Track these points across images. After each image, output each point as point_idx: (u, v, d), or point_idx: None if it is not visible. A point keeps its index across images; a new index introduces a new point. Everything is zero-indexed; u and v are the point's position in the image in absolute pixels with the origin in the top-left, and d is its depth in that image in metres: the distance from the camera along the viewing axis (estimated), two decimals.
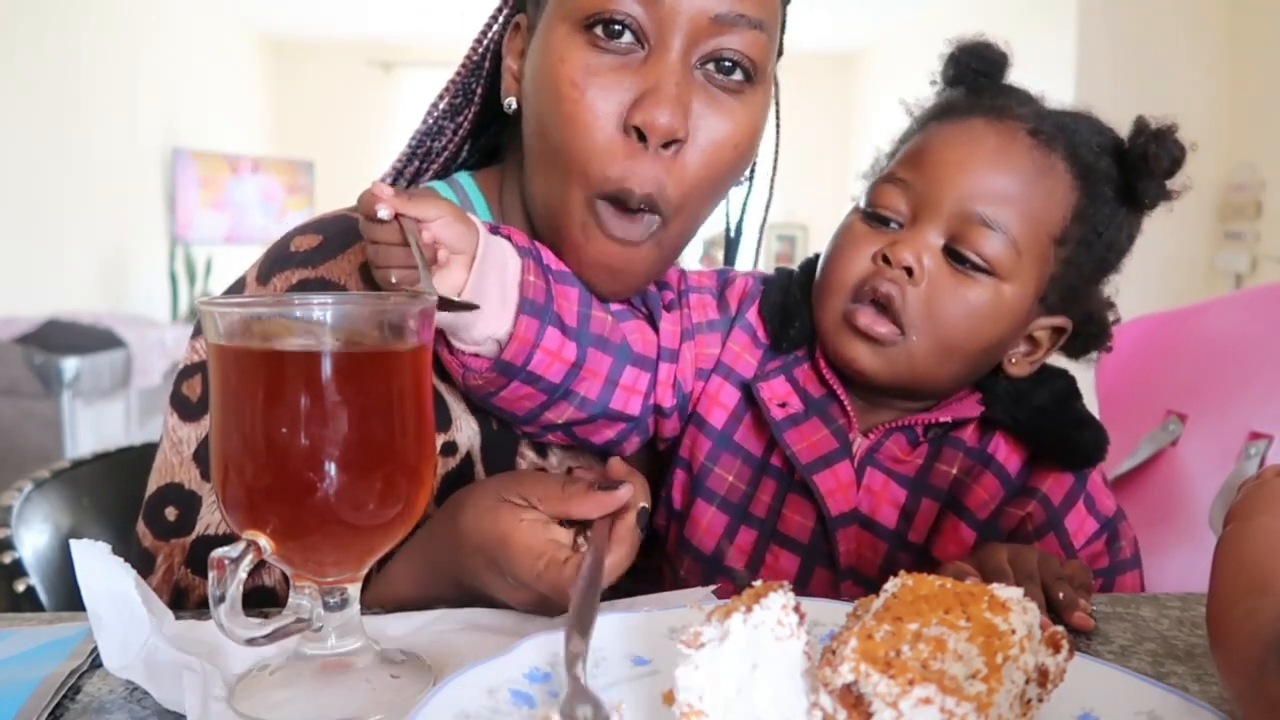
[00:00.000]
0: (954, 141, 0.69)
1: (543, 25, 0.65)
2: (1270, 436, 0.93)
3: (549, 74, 0.63)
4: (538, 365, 0.64)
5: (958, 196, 0.67)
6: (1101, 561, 0.74)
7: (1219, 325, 1.09)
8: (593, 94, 0.62)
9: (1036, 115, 0.71)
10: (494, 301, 0.62)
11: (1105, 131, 0.72)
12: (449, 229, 0.59)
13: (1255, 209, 3.87)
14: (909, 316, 0.68)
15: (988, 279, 0.68)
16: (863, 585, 0.69)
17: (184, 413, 0.66)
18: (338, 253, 0.67)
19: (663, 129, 0.61)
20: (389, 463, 0.47)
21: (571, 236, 0.66)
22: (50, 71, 4.01)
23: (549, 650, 0.46)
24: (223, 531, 0.64)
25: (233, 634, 0.43)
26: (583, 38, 0.62)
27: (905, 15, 5.83)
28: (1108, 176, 0.70)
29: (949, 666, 0.34)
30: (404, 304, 0.49)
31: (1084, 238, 0.71)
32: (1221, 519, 0.46)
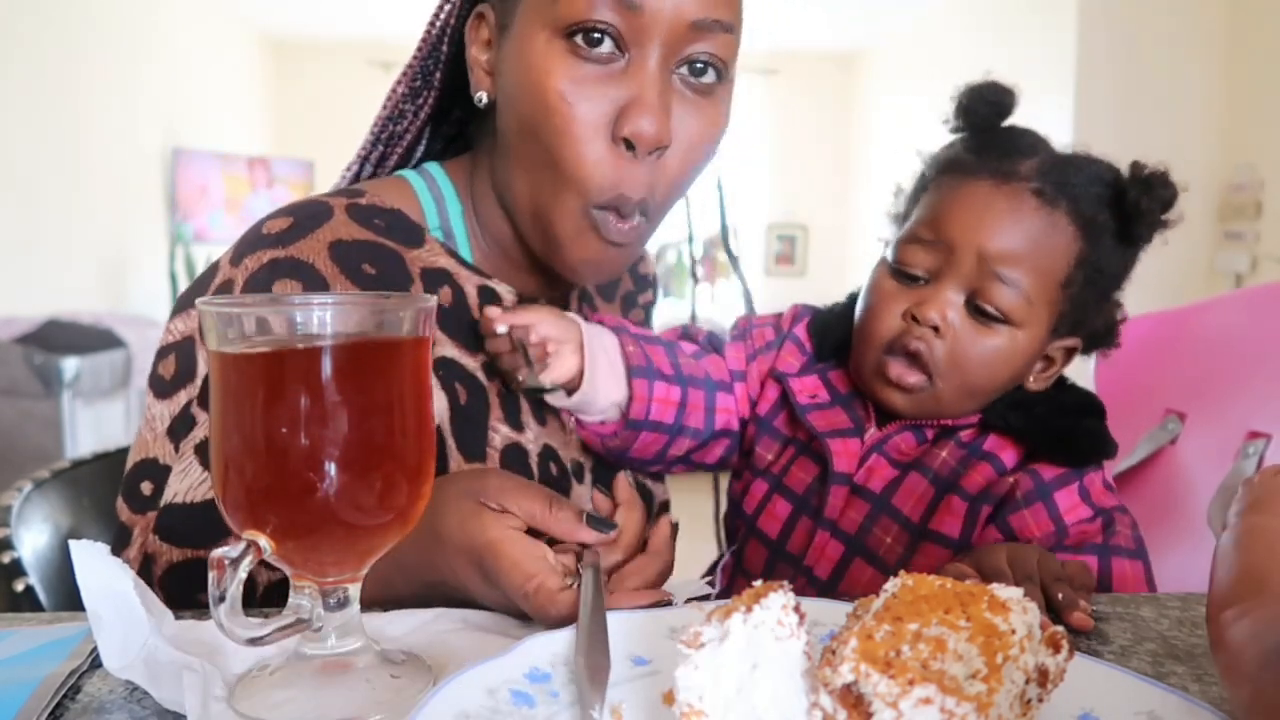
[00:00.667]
0: (968, 204, 0.76)
1: (519, 27, 0.67)
2: (1269, 435, 0.93)
3: (535, 84, 0.65)
4: (656, 414, 0.77)
5: (975, 257, 0.74)
6: (1095, 539, 0.74)
7: (1218, 324, 1.09)
8: (583, 108, 0.64)
9: (1040, 172, 0.76)
10: (606, 374, 0.75)
11: (1103, 178, 0.78)
12: (553, 326, 0.72)
13: (1255, 209, 3.87)
14: (936, 366, 0.75)
15: (1005, 327, 0.75)
16: (840, 538, 0.78)
17: (158, 391, 0.68)
18: (307, 233, 0.69)
19: (651, 139, 0.64)
20: (389, 463, 0.47)
21: (565, 239, 0.70)
22: (50, 71, 4.01)
23: (549, 650, 0.46)
24: (190, 499, 0.64)
25: (233, 634, 0.43)
26: (563, 45, 0.64)
27: (905, 15, 5.83)
28: (1106, 226, 0.77)
29: (949, 666, 0.34)
30: (404, 304, 0.49)
31: (1088, 278, 0.77)
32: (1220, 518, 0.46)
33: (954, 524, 0.76)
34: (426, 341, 0.50)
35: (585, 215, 0.68)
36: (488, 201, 0.77)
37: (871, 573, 0.77)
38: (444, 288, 0.73)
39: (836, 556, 0.78)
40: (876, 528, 0.77)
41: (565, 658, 0.46)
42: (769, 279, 7.12)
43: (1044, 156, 0.78)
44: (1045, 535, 0.74)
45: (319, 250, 0.68)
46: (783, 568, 0.81)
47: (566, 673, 0.45)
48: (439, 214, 0.77)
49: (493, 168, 0.74)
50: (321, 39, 6.49)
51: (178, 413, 0.66)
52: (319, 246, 0.68)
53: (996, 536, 0.76)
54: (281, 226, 0.69)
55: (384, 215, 0.73)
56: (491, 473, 0.60)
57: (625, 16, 0.63)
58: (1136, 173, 0.77)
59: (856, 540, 0.78)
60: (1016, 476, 0.76)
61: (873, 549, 0.77)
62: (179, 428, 0.66)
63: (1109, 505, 0.77)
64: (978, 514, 0.76)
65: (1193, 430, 1.02)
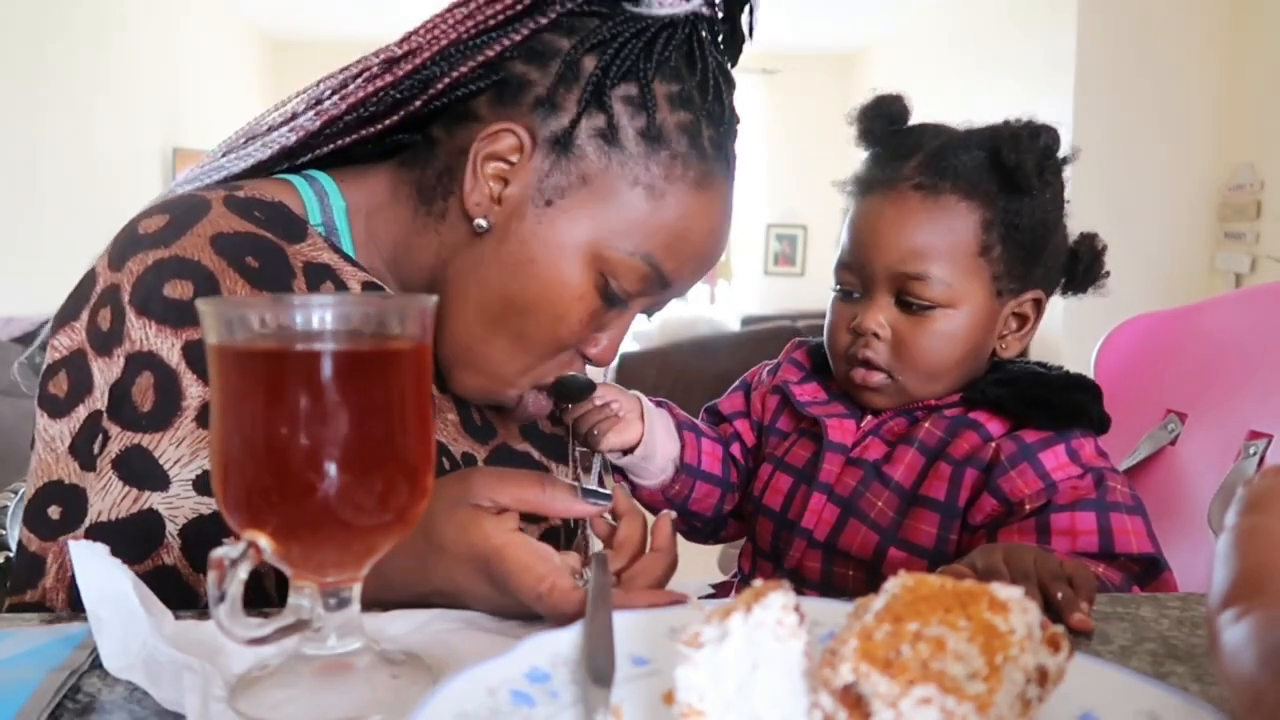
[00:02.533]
0: (866, 219, 0.85)
1: (566, 223, 0.69)
2: (1269, 435, 0.93)
3: (556, 291, 0.69)
4: (707, 464, 0.92)
5: (884, 265, 0.82)
6: (1089, 495, 0.76)
7: (1219, 324, 1.09)
8: (579, 331, 0.71)
9: (919, 168, 0.83)
10: (663, 435, 0.89)
11: (981, 146, 0.83)
12: (620, 398, 0.87)
13: (1255, 209, 3.87)
14: (890, 365, 0.84)
15: (938, 311, 0.82)
16: (835, 501, 0.85)
17: (53, 410, 0.66)
18: (186, 229, 0.67)
19: (602, 361, 0.75)
20: (389, 463, 0.47)
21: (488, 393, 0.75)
22: (50, 71, 4.01)
23: (549, 650, 0.46)
24: (115, 516, 0.62)
25: (233, 634, 0.43)
26: (597, 281, 0.70)
27: (905, 15, 5.83)
28: (995, 188, 0.82)
29: (949, 666, 0.34)
30: (404, 304, 0.49)
31: (1005, 235, 0.82)
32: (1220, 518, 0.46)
33: (940, 487, 0.80)
34: (428, 342, 0.50)
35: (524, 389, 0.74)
36: (384, 251, 0.76)
37: (865, 532, 0.83)
38: (326, 283, 0.72)
39: (832, 519, 0.84)
40: (869, 492, 0.83)
41: (566, 658, 0.46)
42: (769, 279, 7.12)
43: (925, 151, 0.84)
44: (1035, 492, 0.77)
45: (201, 246, 0.66)
46: (786, 535, 0.87)
47: (567, 673, 0.45)
48: (322, 211, 0.76)
49: (412, 233, 0.74)
50: (321, 39, 6.49)
51: (78, 429, 0.65)
52: (201, 242, 0.67)
53: (993, 505, 0.79)
54: (159, 225, 0.68)
55: (264, 208, 0.71)
56: (474, 473, 0.60)
57: (651, 286, 0.71)
58: (1004, 130, 0.82)
59: (850, 503, 0.84)
60: (999, 441, 0.80)
61: (864, 510, 0.83)
62: (82, 444, 0.64)
63: (1100, 465, 0.79)
64: (962, 477, 0.80)
65: (1193, 430, 1.02)
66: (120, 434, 0.63)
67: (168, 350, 0.64)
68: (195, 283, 0.65)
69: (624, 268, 0.69)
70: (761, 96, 6.94)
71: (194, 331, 0.64)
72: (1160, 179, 4.08)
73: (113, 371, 0.64)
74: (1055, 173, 0.84)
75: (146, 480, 0.62)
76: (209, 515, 0.63)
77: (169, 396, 0.64)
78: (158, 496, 0.62)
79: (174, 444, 0.63)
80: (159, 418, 0.63)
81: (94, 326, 0.66)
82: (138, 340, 0.64)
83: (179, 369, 0.64)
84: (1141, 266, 3.99)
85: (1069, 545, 0.74)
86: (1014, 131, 0.81)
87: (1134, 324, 1.16)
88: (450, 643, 0.53)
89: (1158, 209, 4.06)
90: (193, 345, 0.64)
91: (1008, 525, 0.77)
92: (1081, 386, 0.84)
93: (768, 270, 7.15)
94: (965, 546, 0.79)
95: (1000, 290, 0.84)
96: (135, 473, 0.62)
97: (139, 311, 0.64)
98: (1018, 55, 4.60)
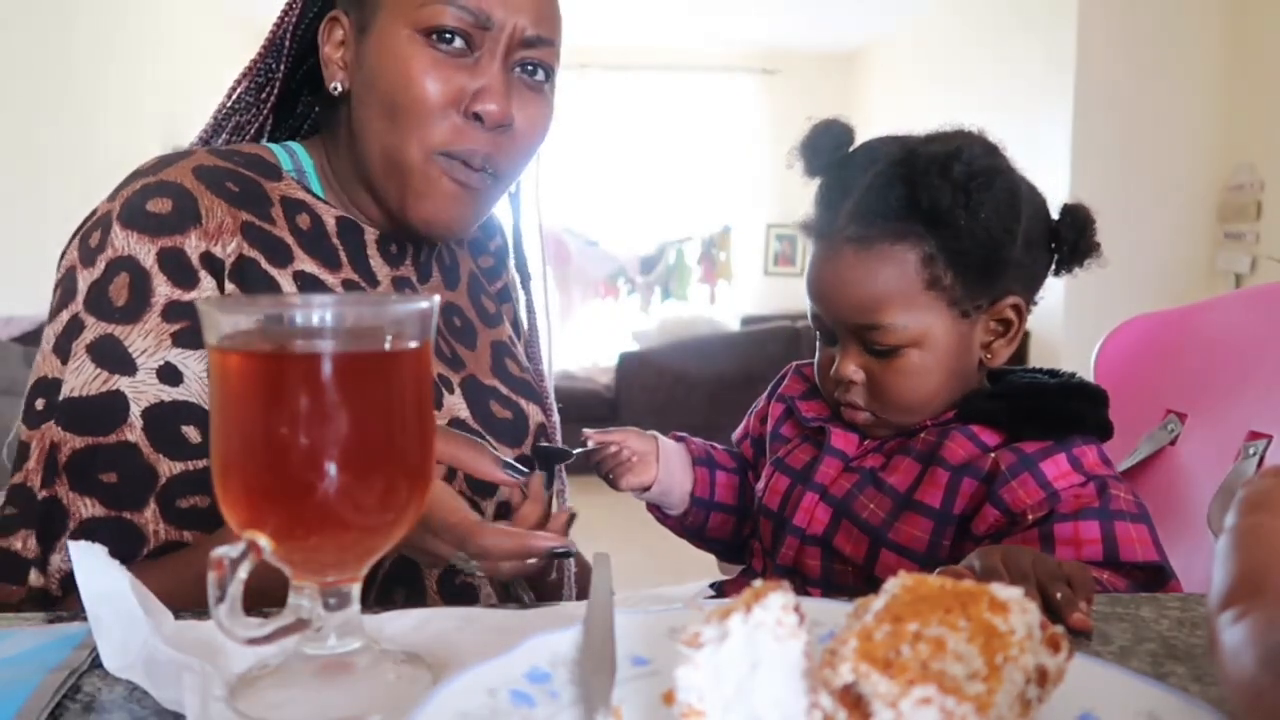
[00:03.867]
0: (815, 273, 0.86)
1: (380, 26, 0.78)
2: (1269, 436, 0.93)
3: (398, 69, 0.77)
4: (720, 495, 0.98)
5: (840, 319, 0.85)
6: (1093, 503, 0.76)
7: (1218, 324, 1.09)
8: (438, 86, 0.77)
9: (852, 218, 0.83)
10: (680, 473, 0.96)
11: (897, 184, 0.82)
12: (637, 442, 0.93)
13: (1255, 209, 3.87)
14: (870, 404, 0.86)
15: (906, 350, 0.82)
16: (828, 501, 0.86)
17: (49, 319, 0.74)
18: (172, 163, 0.78)
19: (496, 115, 0.78)
20: (390, 463, 0.47)
21: (414, 184, 0.80)
22: (50, 71, 4.01)
23: (549, 650, 0.46)
24: (86, 393, 0.70)
25: (233, 634, 0.43)
26: (423, 40, 0.77)
27: (905, 15, 5.83)
28: (923, 226, 0.81)
29: (949, 667, 0.34)
30: (404, 304, 0.49)
31: (950, 262, 0.81)
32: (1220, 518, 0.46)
33: (935, 494, 0.81)
34: (428, 342, 0.50)
35: (433, 161, 0.78)
36: (346, 175, 0.86)
37: (856, 534, 0.84)
38: (302, 214, 0.83)
39: (825, 519, 0.86)
40: (862, 495, 0.85)
41: (566, 658, 0.46)
42: (769, 279, 7.11)
43: (853, 198, 0.83)
44: (1037, 503, 0.77)
45: (184, 172, 0.77)
46: (780, 533, 0.89)
47: (567, 673, 0.45)
48: (294, 166, 0.86)
49: (349, 145, 0.84)
50: None
51: (61, 329, 0.72)
52: (183, 170, 0.77)
53: (996, 516, 0.78)
54: (152, 163, 0.80)
55: (241, 156, 0.83)
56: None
57: (473, 24, 0.77)
58: (918, 164, 0.81)
59: (843, 504, 0.85)
60: (998, 453, 0.80)
61: (857, 511, 0.84)
62: (64, 340, 0.72)
63: (1103, 473, 0.79)
64: (959, 485, 0.80)
65: (1193, 430, 1.02)
66: (95, 324, 0.71)
67: (144, 254, 0.73)
68: (175, 200, 0.75)
69: (431, 15, 0.76)
70: (761, 96, 6.94)
71: (168, 240, 0.73)
72: (1160, 179, 4.08)
73: (94, 274, 0.72)
74: (984, 189, 0.79)
75: (116, 365, 0.71)
76: (169, 401, 0.71)
77: (141, 294, 0.72)
78: (125, 380, 0.70)
79: (142, 336, 0.72)
80: (130, 312, 0.72)
81: (84, 245, 0.75)
82: (120, 248, 0.73)
83: (152, 270, 0.72)
84: (1141, 266, 3.99)
85: (1073, 555, 0.74)
86: (924, 166, 0.80)
87: (1134, 324, 1.16)
88: (450, 642, 0.53)
89: (1158, 209, 4.06)
90: (166, 251, 0.73)
91: (1011, 536, 0.77)
92: (1083, 393, 0.84)
93: (768, 270, 7.15)
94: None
95: (965, 311, 0.83)
96: (106, 357, 0.71)
97: (124, 225, 0.73)
98: (1018, 55, 4.60)
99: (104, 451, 0.69)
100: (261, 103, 0.89)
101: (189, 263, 0.74)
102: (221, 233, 0.75)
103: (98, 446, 0.69)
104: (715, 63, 6.91)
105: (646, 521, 1.04)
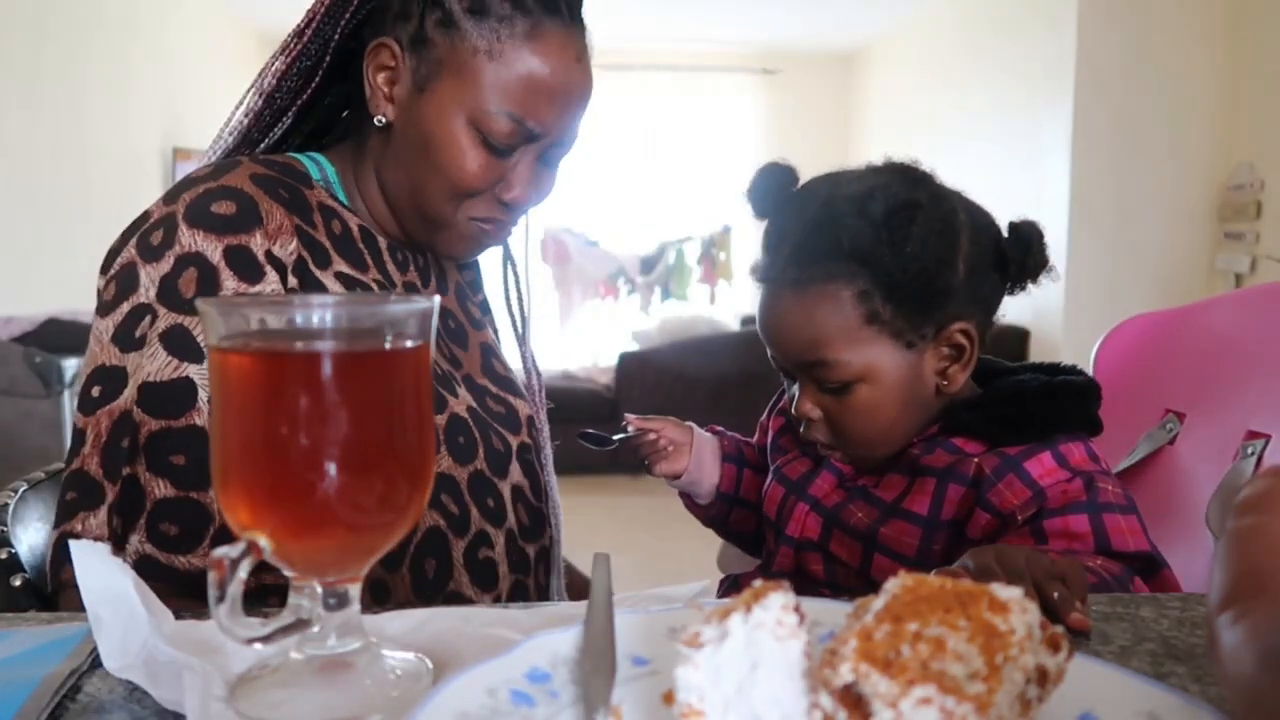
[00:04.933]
0: (763, 315, 0.88)
1: (438, 95, 0.83)
2: (1268, 435, 0.93)
3: (450, 146, 0.83)
4: (745, 492, 1.02)
5: (789, 359, 0.87)
6: (1080, 497, 0.76)
7: (1217, 324, 1.09)
8: (481, 174, 0.84)
9: (789, 261, 0.85)
10: (711, 465, 1.02)
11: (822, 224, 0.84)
12: (673, 431, 1.00)
13: (1255, 209, 3.87)
14: (830, 438, 0.88)
15: (855, 385, 0.84)
16: (819, 512, 0.89)
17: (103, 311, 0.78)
18: (229, 171, 0.80)
19: (519, 200, 0.87)
20: (390, 463, 0.47)
21: (442, 232, 0.88)
22: (50, 71, 4.01)
23: (549, 650, 0.46)
24: (160, 379, 0.73)
25: (233, 634, 0.43)
26: (479, 137, 0.83)
27: (905, 15, 5.83)
28: (852, 259, 0.82)
29: (949, 667, 0.34)
30: (404, 304, 0.49)
31: (886, 294, 0.82)
32: (1219, 518, 0.46)
33: (923, 502, 0.82)
34: (427, 342, 0.50)
35: (461, 222, 0.87)
36: (371, 186, 0.90)
37: (849, 542, 0.86)
38: (335, 220, 0.87)
39: (817, 528, 0.88)
40: (851, 505, 0.87)
41: (566, 658, 0.46)
42: None
43: (791, 242, 0.85)
44: (1025, 502, 0.77)
45: (243, 179, 0.80)
46: (775, 540, 0.92)
47: (567, 673, 0.45)
48: (321, 176, 0.90)
49: (378, 166, 0.89)
50: None
51: (121, 320, 0.75)
52: (242, 177, 0.80)
53: (987, 519, 0.79)
54: (206, 171, 0.82)
55: (280, 165, 0.86)
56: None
57: (527, 136, 0.83)
58: (838, 209, 0.83)
59: (833, 514, 0.87)
60: (982, 458, 0.81)
61: (845, 520, 0.86)
62: (127, 329, 0.75)
63: (1090, 469, 0.79)
64: (945, 492, 0.81)
65: (1192, 430, 1.02)
66: (166, 314, 0.75)
67: (211, 251, 0.76)
68: (238, 203, 0.78)
69: (492, 122, 0.82)
70: (761, 96, 6.94)
71: (234, 238, 0.77)
72: (1160, 179, 4.08)
73: (162, 269, 0.76)
74: (905, 223, 0.80)
75: (186, 353, 0.74)
76: None
77: (208, 288, 0.75)
78: (194, 368, 0.74)
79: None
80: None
81: (144, 243, 0.78)
82: (187, 245, 0.76)
83: (219, 266, 0.76)
84: (1141, 266, 3.99)
85: (1066, 547, 0.74)
86: (842, 208, 0.82)
87: (1133, 323, 1.16)
88: (450, 643, 0.53)
89: (1158, 209, 4.06)
90: (231, 248, 0.76)
91: (1006, 538, 0.78)
92: (1068, 391, 0.83)
93: None
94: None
95: (910, 342, 0.83)
96: (177, 346, 0.74)
97: (190, 225, 0.77)
98: (1018, 55, 4.60)
99: (175, 434, 0.73)
100: (290, 105, 0.90)
101: (254, 258, 0.77)
102: (281, 233, 0.79)
103: (170, 429, 0.73)
104: (715, 63, 6.92)
105: (646, 522, 1.06)
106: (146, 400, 0.73)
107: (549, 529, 0.97)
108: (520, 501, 0.92)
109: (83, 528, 0.70)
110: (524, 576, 0.91)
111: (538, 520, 0.95)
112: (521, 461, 0.94)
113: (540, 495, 0.97)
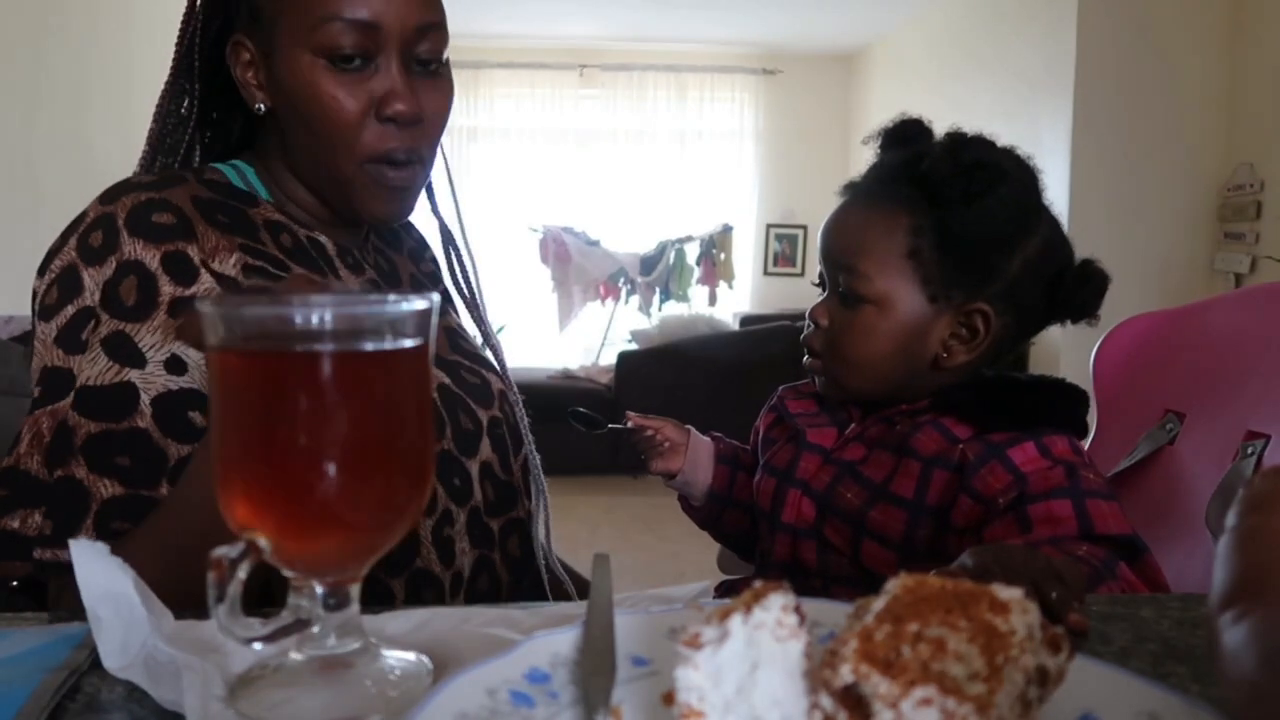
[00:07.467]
0: (831, 217, 0.93)
1: (281, 52, 0.84)
2: (1268, 435, 0.93)
3: (310, 95, 0.83)
4: (736, 493, 1.04)
5: (830, 257, 0.91)
6: (1061, 483, 0.78)
7: (1218, 324, 1.09)
8: (349, 104, 0.84)
9: (868, 178, 0.92)
10: (706, 466, 1.04)
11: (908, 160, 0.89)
12: (671, 431, 1.03)
13: (1255, 209, 3.87)
14: (823, 352, 0.92)
15: (867, 307, 0.87)
16: (810, 496, 0.91)
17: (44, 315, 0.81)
18: (173, 185, 0.83)
19: (407, 115, 0.85)
20: (389, 463, 0.47)
21: (354, 192, 0.88)
22: (50, 71, 4.01)
23: (549, 650, 0.46)
24: (101, 383, 0.75)
25: (233, 634, 0.43)
26: (324, 64, 0.83)
27: (905, 15, 5.83)
28: (919, 198, 0.86)
29: (949, 667, 0.34)
30: (404, 304, 0.49)
31: (937, 242, 0.85)
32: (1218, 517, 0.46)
33: (908, 485, 0.84)
34: (428, 342, 0.50)
35: (364, 170, 0.86)
36: (287, 178, 0.92)
37: (839, 525, 0.88)
38: (284, 234, 0.90)
39: (811, 514, 0.90)
40: (840, 486, 0.89)
41: (565, 658, 0.46)
42: (768, 279, 7.11)
43: (878, 162, 0.93)
44: (1005, 487, 0.79)
45: (184, 199, 0.83)
46: (771, 531, 0.94)
47: (566, 673, 0.45)
48: (245, 184, 0.92)
49: (285, 152, 0.91)
50: None
51: (65, 323, 0.78)
52: (184, 197, 0.83)
53: (970, 505, 0.81)
54: (149, 179, 0.84)
55: (221, 188, 0.89)
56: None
57: (366, 35, 0.82)
58: (927, 149, 0.89)
59: (825, 497, 0.89)
60: (966, 445, 0.83)
61: (836, 503, 0.88)
62: (68, 335, 0.78)
63: (1072, 459, 0.81)
64: (930, 476, 0.83)
65: (1191, 430, 1.02)
66: (108, 320, 0.77)
67: (149, 259, 0.79)
68: (176, 218, 0.81)
69: (323, 37, 0.82)
70: (761, 96, 6.94)
71: (170, 245, 0.79)
72: (1160, 179, 4.08)
73: (104, 274, 0.78)
74: (985, 182, 0.83)
75: (127, 359, 0.76)
76: (175, 390, 0.76)
77: (148, 295, 0.78)
78: (135, 372, 0.76)
79: (150, 333, 0.77)
80: (139, 311, 0.77)
81: (85, 245, 0.80)
82: (127, 252, 0.79)
83: (157, 273, 0.78)
84: (1141, 266, 3.99)
85: (1051, 533, 0.75)
86: (942, 146, 0.88)
87: (1133, 324, 1.16)
88: (450, 643, 0.53)
89: (1158, 209, 4.06)
90: (169, 254, 0.79)
91: (990, 525, 0.79)
92: (1057, 390, 0.86)
93: (767, 270, 7.15)
94: (952, 549, 0.80)
95: (934, 295, 0.86)
96: (118, 351, 0.76)
97: (130, 232, 0.79)
98: (1018, 55, 4.60)
99: (117, 436, 0.74)
100: (184, 121, 0.94)
101: (191, 262, 0.79)
102: (219, 251, 0.81)
103: (111, 432, 0.74)
104: (715, 63, 6.92)
105: (646, 523, 1.07)
106: (83, 404, 0.75)
107: (522, 501, 0.98)
108: (488, 478, 0.93)
109: (21, 525, 0.71)
110: (488, 551, 0.92)
111: (506, 494, 0.96)
112: (492, 436, 0.95)
113: (509, 470, 0.98)
